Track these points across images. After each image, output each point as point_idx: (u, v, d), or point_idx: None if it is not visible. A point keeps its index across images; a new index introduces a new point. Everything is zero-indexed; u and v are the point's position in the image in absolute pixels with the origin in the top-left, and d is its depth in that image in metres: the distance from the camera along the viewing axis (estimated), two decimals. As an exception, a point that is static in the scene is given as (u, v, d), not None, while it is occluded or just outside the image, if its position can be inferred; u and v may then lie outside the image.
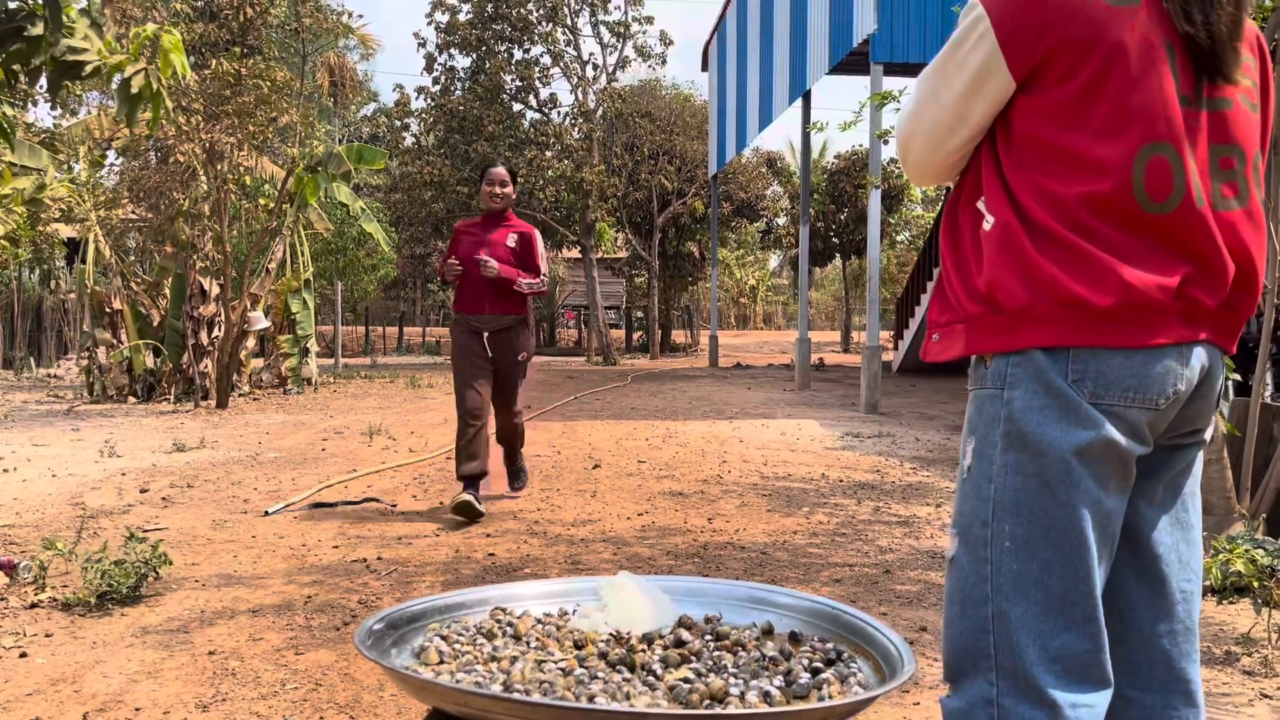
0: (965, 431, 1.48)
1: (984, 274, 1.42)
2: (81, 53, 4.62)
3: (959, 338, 1.46)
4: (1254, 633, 3.22)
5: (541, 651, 1.39)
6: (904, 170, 1.56)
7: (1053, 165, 1.38)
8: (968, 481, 1.44)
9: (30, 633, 3.33)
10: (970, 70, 1.41)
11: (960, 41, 1.42)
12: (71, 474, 6.77)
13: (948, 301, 1.50)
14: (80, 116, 18.38)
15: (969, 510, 1.43)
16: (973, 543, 1.41)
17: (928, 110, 1.46)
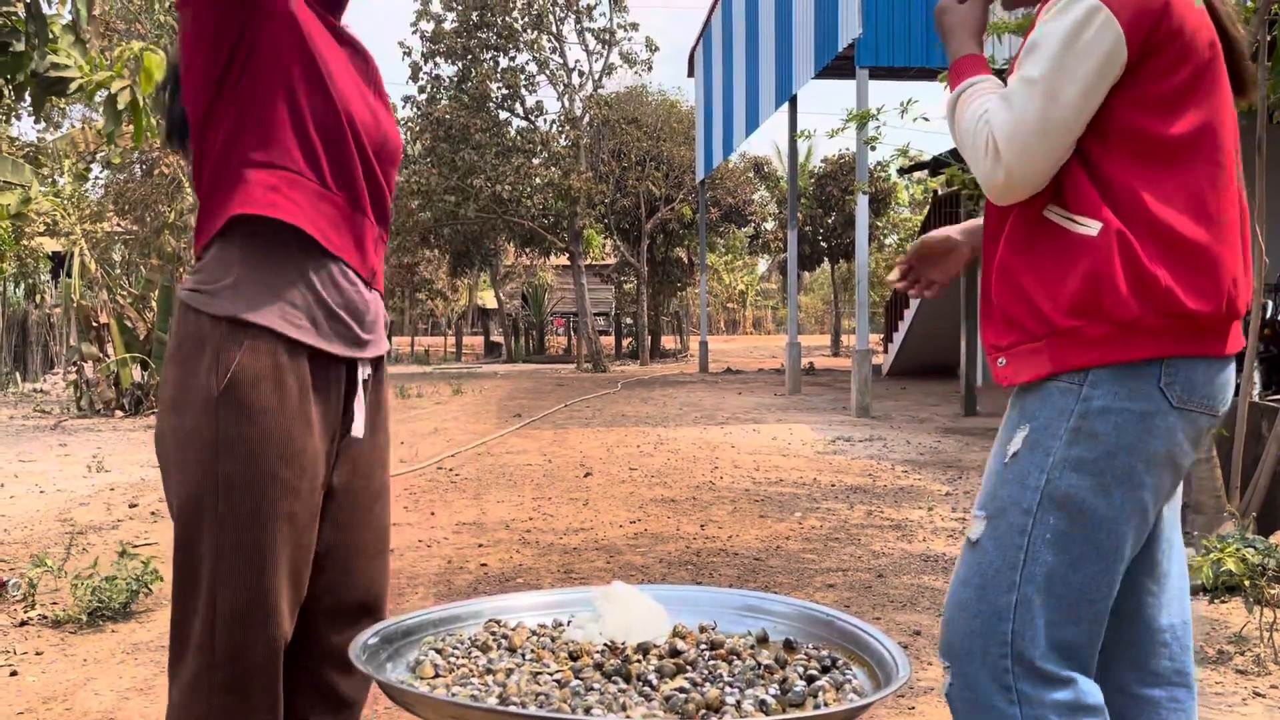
0: (1016, 416, 1.42)
1: (1077, 285, 1.35)
2: (65, 69, 4.62)
3: (1039, 356, 1.39)
4: (1246, 631, 3.24)
5: (537, 663, 1.39)
6: (999, 186, 1.38)
7: (1155, 162, 1.35)
8: (1010, 467, 1.41)
9: (20, 651, 3.31)
10: (1095, 60, 1.33)
11: (1075, 35, 1.32)
12: (59, 490, 6.73)
13: (1015, 320, 1.41)
14: (64, 130, 18.32)
15: (1006, 496, 1.40)
16: (1005, 529, 1.39)
17: (1048, 112, 1.33)
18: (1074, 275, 1.36)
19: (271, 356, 1.47)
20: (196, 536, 1.45)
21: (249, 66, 1.48)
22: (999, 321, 1.44)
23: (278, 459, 1.45)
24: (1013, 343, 1.42)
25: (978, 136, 1.39)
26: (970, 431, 9.69)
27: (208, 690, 1.43)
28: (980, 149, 1.39)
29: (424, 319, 43.15)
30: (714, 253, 41.31)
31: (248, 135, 1.49)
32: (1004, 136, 1.35)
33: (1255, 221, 4.66)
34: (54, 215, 16.73)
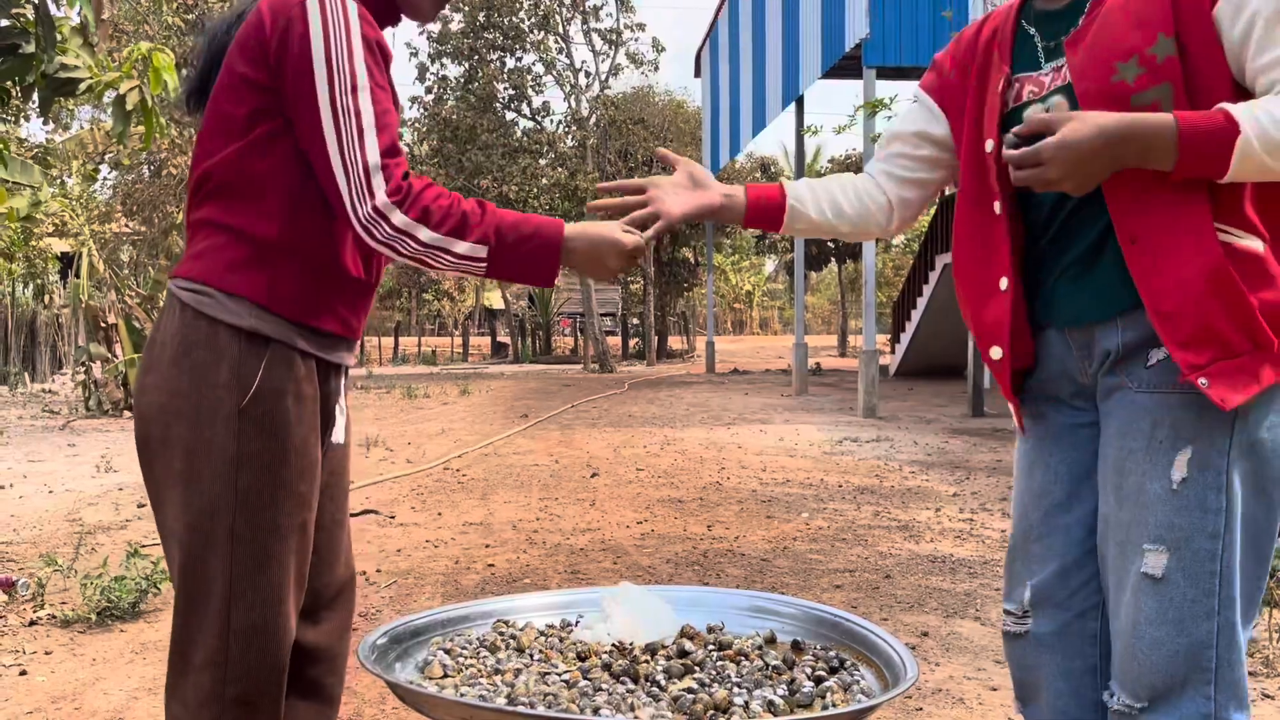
0: (1170, 436, 1.33)
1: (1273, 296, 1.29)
2: (74, 70, 4.64)
3: (1257, 372, 1.30)
4: (1255, 633, 3.23)
5: (545, 664, 1.39)
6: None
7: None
8: (1182, 494, 1.32)
9: (30, 650, 3.32)
10: None
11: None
12: (68, 490, 6.76)
13: (1209, 332, 1.29)
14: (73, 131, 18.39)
15: (1187, 523, 1.32)
16: (1193, 557, 1.32)
17: None
18: (1266, 289, 1.30)
19: (290, 368, 1.46)
20: (208, 552, 1.42)
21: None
22: (1201, 330, 1.30)
23: (295, 472, 1.45)
24: (1218, 357, 1.30)
25: None
26: (978, 432, 9.67)
27: (219, 707, 1.40)
28: None
29: (431, 319, 43.21)
30: (721, 253, 41.33)
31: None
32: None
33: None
34: (63, 216, 16.80)
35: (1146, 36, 1.31)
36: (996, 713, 2.72)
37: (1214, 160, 1.24)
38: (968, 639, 3.35)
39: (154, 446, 1.50)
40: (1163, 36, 1.30)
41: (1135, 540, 1.35)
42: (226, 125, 1.47)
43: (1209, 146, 1.23)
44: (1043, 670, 1.48)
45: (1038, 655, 1.48)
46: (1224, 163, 1.23)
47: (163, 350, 1.48)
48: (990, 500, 5.97)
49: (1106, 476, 1.40)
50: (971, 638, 3.37)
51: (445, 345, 42.36)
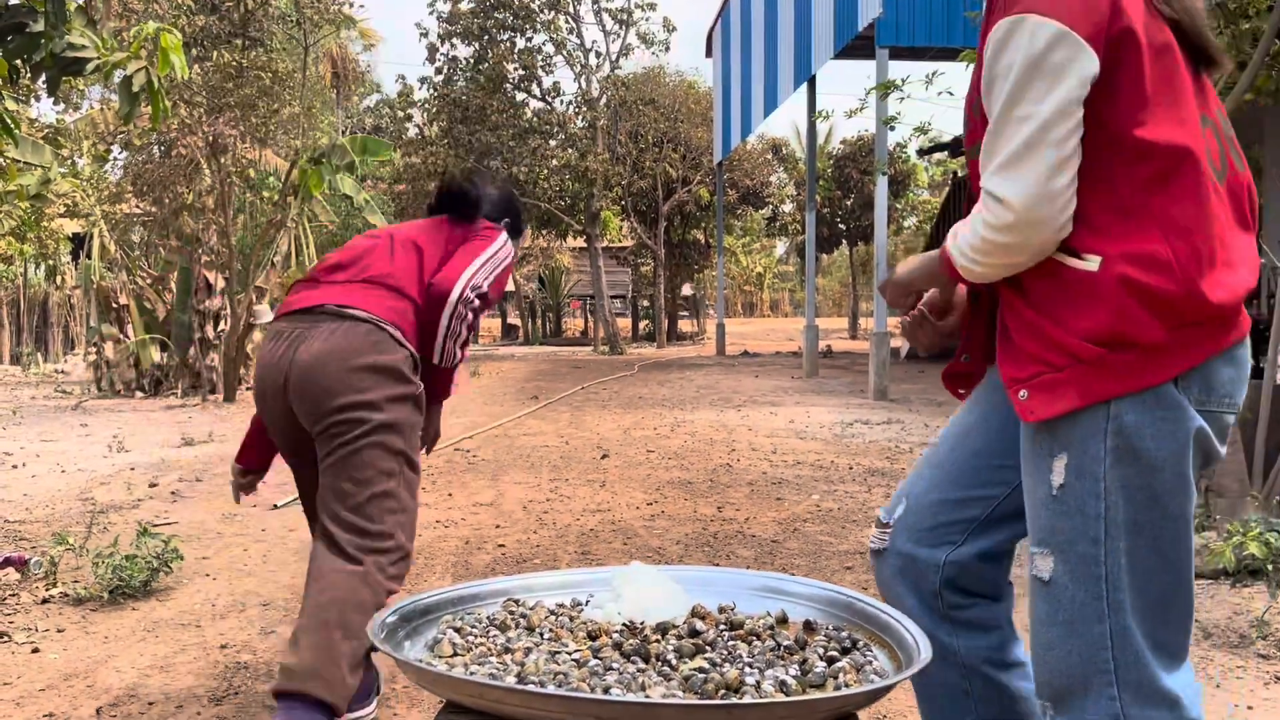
0: (1047, 444, 1.37)
1: (1095, 316, 1.31)
2: (81, 49, 4.62)
3: (1066, 388, 1.33)
4: (1268, 616, 3.21)
5: (555, 643, 1.39)
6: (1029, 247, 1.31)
7: (1141, 170, 1.31)
8: (1062, 499, 1.36)
9: (42, 628, 3.34)
10: (1068, 79, 1.26)
11: (1038, 60, 1.26)
12: (80, 469, 6.79)
13: (1034, 354, 1.36)
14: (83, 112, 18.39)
15: (1069, 528, 1.35)
16: (1078, 561, 1.35)
17: (1041, 139, 1.26)
18: (1089, 308, 1.31)
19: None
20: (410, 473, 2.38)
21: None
22: (1016, 352, 1.38)
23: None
24: (1037, 374, 1.35)
25: (991, 218, 1.31)
26: (989, 414, 9.64)
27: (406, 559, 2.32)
28: (1002, 224, 1.31)
29: (441, 301, 43.20)
30: (731, 235, 41.19)
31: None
32: (1013, 193, 1.28)
33: (1267, 207, 4.58)
34: (74, 197, 16.82)
35: (976, 92, 1.42)
36: (1007, 694, 2.71)
37: (959, 277, 1.43)
38: (979, 621, 3.34)
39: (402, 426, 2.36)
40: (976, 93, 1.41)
41: (1029, 543, 1.42)
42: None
43: (950, 264, 1.41)
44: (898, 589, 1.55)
45: (891, 578, 1.57)
46: (964, 279, 1.43)
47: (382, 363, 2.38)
48: (1001, 482, 5.95)
49: (1023, 467, 1.46)
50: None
51: (455, 327, 42.34)
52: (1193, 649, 3.06)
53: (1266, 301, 9.83)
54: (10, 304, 21.86)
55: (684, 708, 1.12)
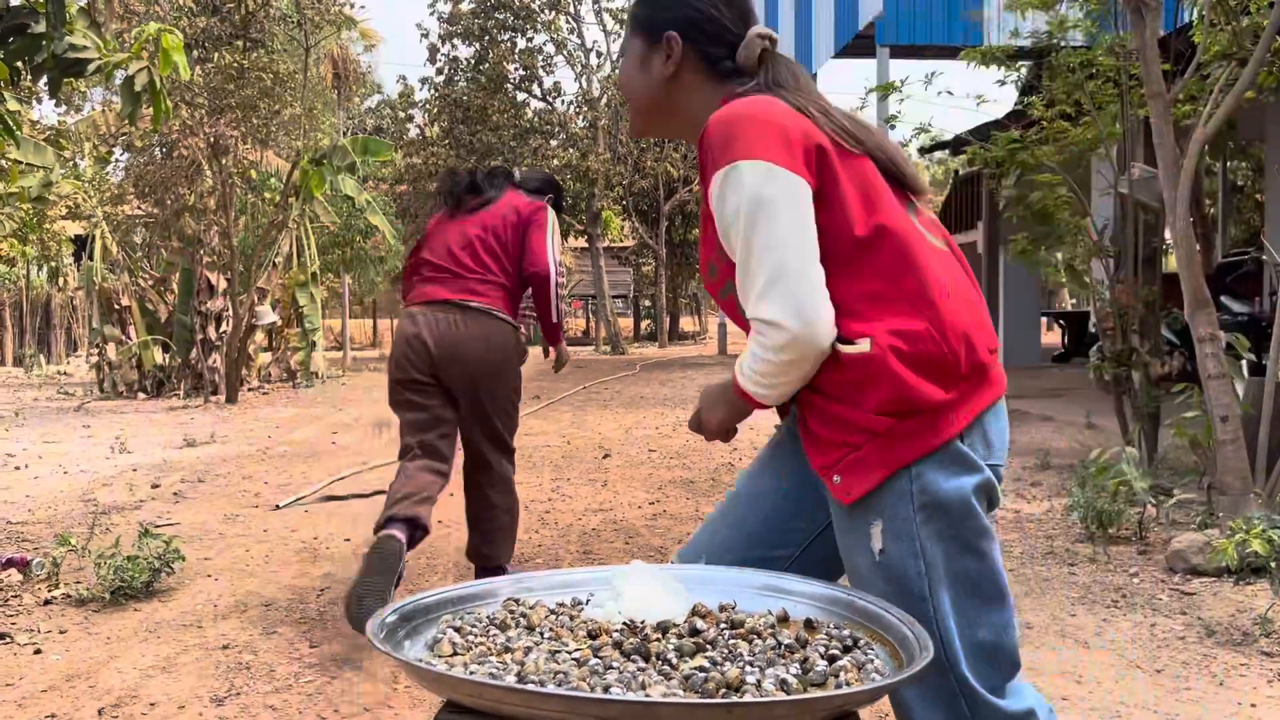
0: (862, 515, 1.45)
1: (880, 391, 1.40)
2: (83, 50, 4.62)
3: (872, 462, 1.42)
4: (1271, 613, 3.20)
5: (555, 642, 1.38)
6: (810, 356, 1.41)
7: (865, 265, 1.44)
8: (885, 564, 1.44)
9: (44, 629, 3.34)
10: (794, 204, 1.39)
11: (759, 196, 1.39)
12: (83, 470, 6.79)
13: (830, 440, 1.46)
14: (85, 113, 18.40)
15: (897, 591, 1.44)
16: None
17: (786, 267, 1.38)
18: (873, 385, 1.41)
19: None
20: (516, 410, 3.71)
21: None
22: (822, 444, 1.47)
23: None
24: (839, 457, 1.44)
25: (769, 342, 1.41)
26: (991, 413, 9.62)
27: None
28: (780, 343, 1.40)
29: (443, 301, 43.22)
30: (732, 234, 41.10)
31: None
32: (780, 314, 1.38)
33: (1269, 204, 4.57)
34: (76, 198, 16.83)
35: (711, 245, 1.51)
36: (1010, 693, 2.70)
37: (756, 404, 1.51)
38: (981, 619, 3.34)
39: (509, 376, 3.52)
40: (717, 244, 1.49)
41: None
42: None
43: (745, 395, 1.50)
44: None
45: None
46: (762, 405, 1.51)
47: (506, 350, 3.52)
48: (1004, 481, 5.94)
49: (839, 544, 1.53)
50: None
51: (457, 327, 42.40)
52: (1196, 647, 3.06)
53: (1268, 299, 9.82)
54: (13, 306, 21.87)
55: (685, 706, 1.11)
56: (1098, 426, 7.67)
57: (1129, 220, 5.61)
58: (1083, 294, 6.92)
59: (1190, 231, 4.36)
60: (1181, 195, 4.33)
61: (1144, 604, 3.48)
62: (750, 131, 1.41)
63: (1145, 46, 4.43)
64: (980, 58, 6.29)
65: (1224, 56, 4.82)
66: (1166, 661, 2.93)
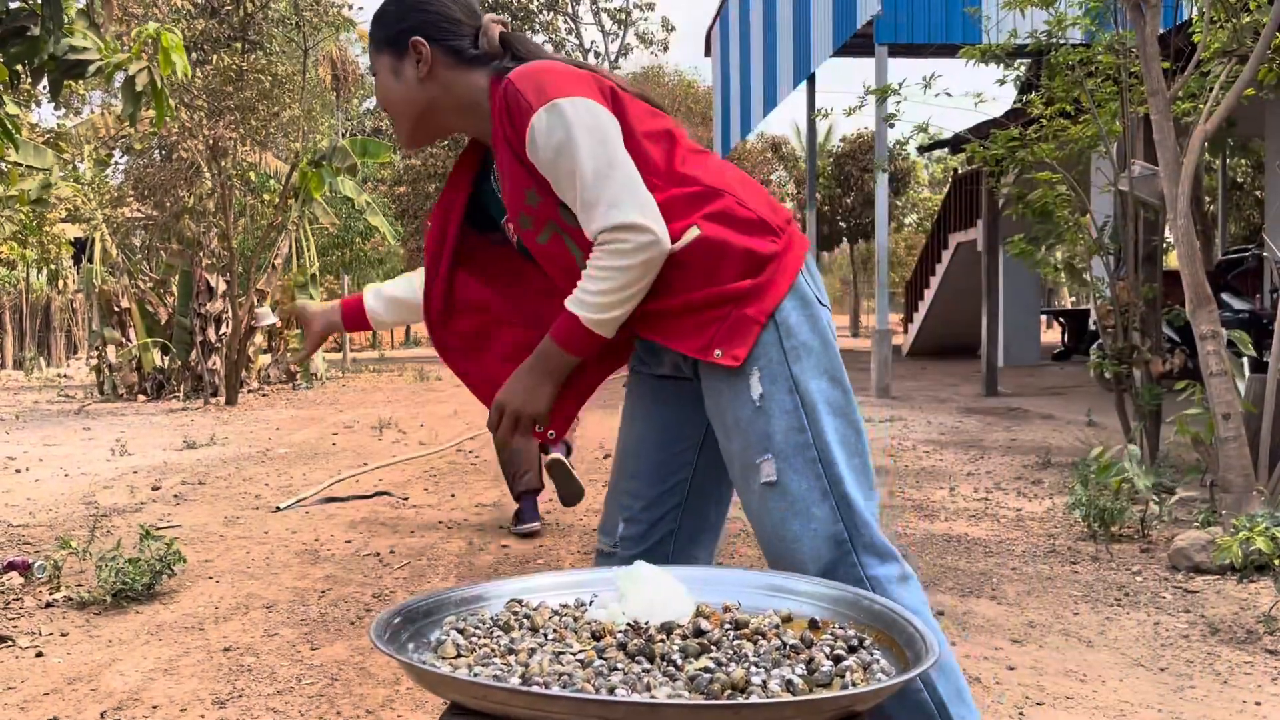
0: (741, 372, 1.58)
1: (730, 260, 1.59)
2: (83, 52, 4.61)
3: (742, 321, 1.59)
4: (1275, 611, 3.20)
5: (559, 643, 1.38)
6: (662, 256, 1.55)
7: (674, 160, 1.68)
8: (764, 407, 1.57)
9: (46, 632, 3.34)
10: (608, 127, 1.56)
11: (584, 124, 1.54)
12: (84, 473, 6.79)
13: (694, 324, 1.61)
14: (84, 116, 18.40)
15: (779, 427, 1.57)
16: (793, 451, 1.56)
17: (629, 179, 1.54)
18: (721, 261, 1.57)
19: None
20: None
21: None
22: (686, 331, 1.59)
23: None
24: (711, 334, 1.58)
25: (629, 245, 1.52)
26: (992, 411, 9.62)
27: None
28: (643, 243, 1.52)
29: (442, 302, 43.19)
30: (732, 234, 41.14)
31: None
32: (639, 215, 1.51)
33: (1269, 201, 4.56)
34: (75, 201, 16.83)
35: (519, 194, 1.62)
36: (1014, 691, 2.70)
37: (591, 341, 1.59)
38: (984, 618, 3.33)
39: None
40: (525, 190, 1.61)
41: (749, 459, 1.60)
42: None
43: (577, 338, 1.58)
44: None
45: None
46: (596, 340, 1.59)
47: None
48: (1005, 479, 5.93)
49: (714, 423, 1.65)
50: (988, 616, 3.35)
51: (457, 328, 42.34)
52: (1200, 645, 3.05)
53: (1269, 296, 9.81)
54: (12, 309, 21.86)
55: (690, 708, 1.11)
56: (1099, 424, 7.67)
57: (1129, 218, 5.60)
58: (1083, 292, 6.91)
59: (1191, 228, 4.35)
60: (1182, 192, 4.32)
61: (1147, 602, 3.47)
62: (558, 78, 1.56)
63: (1145, 44, 4.43)
64: (979, 56, 6.28)
65: (1224, 53, 4.81)
66: (1170, 660, 2.93)
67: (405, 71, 1.68)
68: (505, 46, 1.70)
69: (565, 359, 1.62)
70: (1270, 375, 4.36)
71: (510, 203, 1.67)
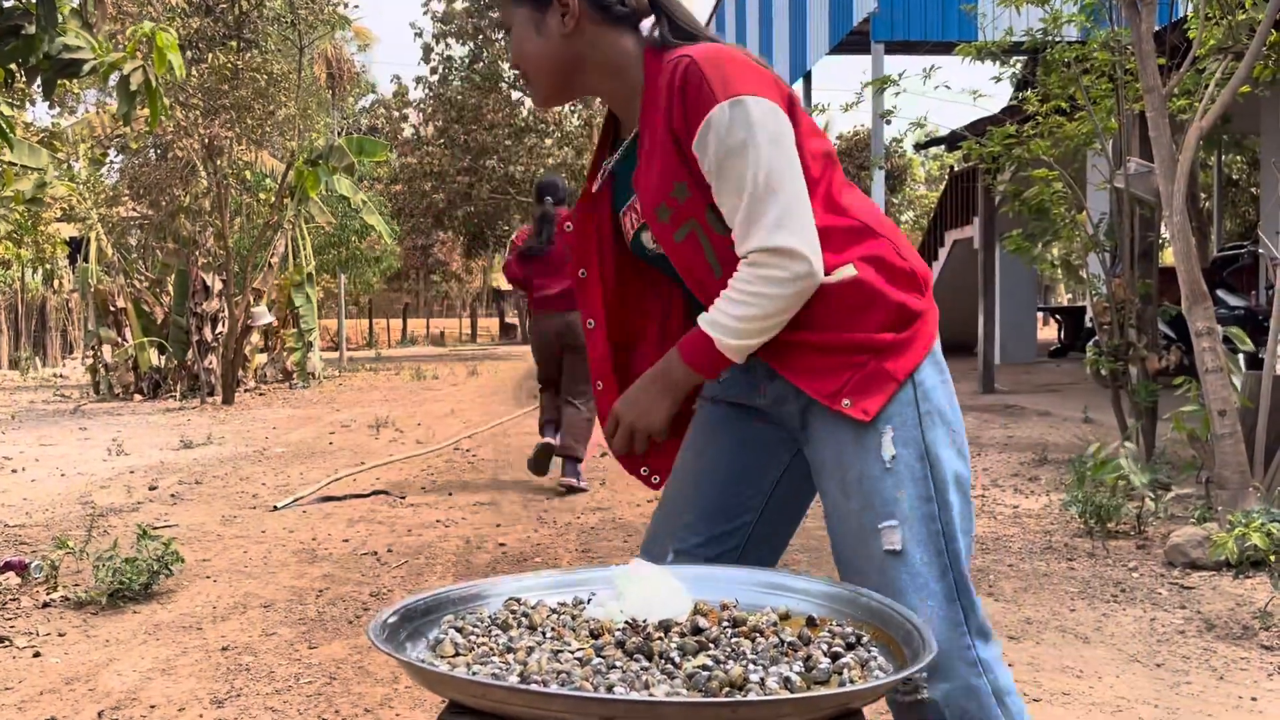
0: (872, 427, 1.49)
1: (879, 308, 1.50)
2: (77, 50, 4.61)
3: (880, 376, 1.50)
4: (1271, 606, 3.21)
5: (558, 641, 1.38)
6: (814, 288, 1.45)
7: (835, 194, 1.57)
8: (894, 469, 1.48)
9: (43, 632, 3.33)
10: (788, 140, 1.46)
11: (767, 130, 1.43)
12: (80, 473, 6.78)
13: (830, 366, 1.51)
14: (79, 115, 18.36)
15: (907, 495, 1.47)
16: (919, 522, 1.47)
17: (797, 200, 1.44)
18: (872, 306, 1.48)
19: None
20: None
21: None
22: (819, 373, 1.49)
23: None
24: (845, 379, 1.48)
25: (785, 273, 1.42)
26: (988, 408, 9.63)
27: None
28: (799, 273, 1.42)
29: (439, 301, 43.16)
30: (728, 232, 41.16)
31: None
32: (801, 242, 1.41)
33: (1264, 198, 4.57)
34: (70, 200, 16.80)
35: (666, 184, 1.49)
36: (1011, 688, 2.70)
37: (719, 365, 1.49)
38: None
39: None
40: (675, 182, 1.48)
41: (871, 523, 1.49)
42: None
43: (706, 359, 1.48)
44: None
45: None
46: (725, 364, 1.48)
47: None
48: (1002, 476, 5.94)
49: (825, 473, 1.54)
50: (985, 613, 3.35)
51: (453, 326, 42.39)
52: (1196, 640, 3.06)
53: (1265, 292, 9.82)
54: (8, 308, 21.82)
55: (689, 705, 1.11)
56: (1095, 421, 7.68)
57: (1125, 214, 5.61)
58: (1079, 288, 6.92)
59: (1187, 225, 4.36)
60: (1178, 189, 4.33)
61: (1143, 598, 3.48)
62: (745, 72, 1.45)
63: (1140, 41, 4.43)
64: (975, 53, 6.29)
65: (1219, 50, 4.82)
66: (1166, 656, 2.93)
67: (548, 24, 1.54)
68: (654, 7, 1.56)
69: (690, 377, 1.52)
70: (1266, 372, 4.37)
71: (648, 190, 1.52)
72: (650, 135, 1.49)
